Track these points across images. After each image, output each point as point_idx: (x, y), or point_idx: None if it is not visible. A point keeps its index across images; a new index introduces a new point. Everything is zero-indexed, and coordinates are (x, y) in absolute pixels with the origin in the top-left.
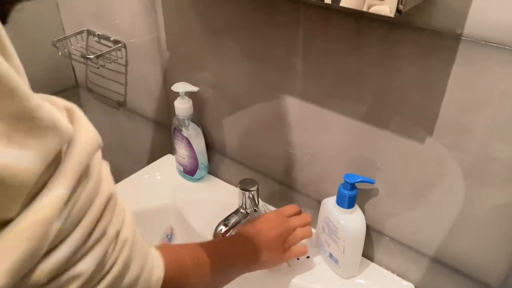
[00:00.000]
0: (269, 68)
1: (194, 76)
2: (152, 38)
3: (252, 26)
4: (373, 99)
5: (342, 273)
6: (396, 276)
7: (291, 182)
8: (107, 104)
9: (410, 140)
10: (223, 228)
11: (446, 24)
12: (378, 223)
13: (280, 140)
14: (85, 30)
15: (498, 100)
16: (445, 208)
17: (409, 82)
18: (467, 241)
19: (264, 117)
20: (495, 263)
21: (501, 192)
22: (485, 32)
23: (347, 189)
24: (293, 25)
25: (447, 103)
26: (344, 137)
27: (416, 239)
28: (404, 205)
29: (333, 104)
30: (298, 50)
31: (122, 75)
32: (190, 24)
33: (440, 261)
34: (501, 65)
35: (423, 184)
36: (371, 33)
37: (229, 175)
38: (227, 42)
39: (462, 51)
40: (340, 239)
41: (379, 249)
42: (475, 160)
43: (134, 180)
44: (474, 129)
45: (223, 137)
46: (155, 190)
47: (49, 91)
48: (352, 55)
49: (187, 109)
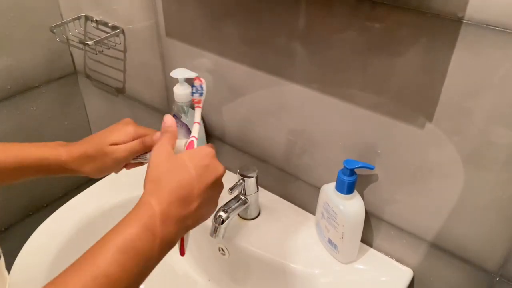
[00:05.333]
0: (269, 54)
1: (193, 62)
2: (151, 24)
3: (251, 11)
4: (373, 85)
5: (341, 258)
6: (395, 261)
7: (290, 169)
8: (106, 91)
9: (410, 126)
10: (222, 214)
11: (447, 7)
12: (377, 208)
13: (280, 127)
14: (83, 16)
15: (499, 84)
16: (444, 194)
17: (409, 67)
18: (465, 226)
19: (263, 104)
20: (493, 248)
21: (501, 177)
22: (486, 16)
23: (347, 175)
24: (293, 10)
25: (447, 87)
26: (344, 123)
27: (415, 225)
28: (403, 191)
29: (333, 89)
30: (298, 35)
31: (120, 62)
32: (189, 9)
33: (438, 246)
34: (502, 49)
35: (423, 170)
36: (372, 17)
37: (228, 162)
38: (226, 27)
39: (463, 34)
40: (339, 225)
41: (378, 234)
42: (475, 145)
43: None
44: (474, 114)
45: (222, 124)
46: None
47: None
48: (352, 39)
49: (186, 96)
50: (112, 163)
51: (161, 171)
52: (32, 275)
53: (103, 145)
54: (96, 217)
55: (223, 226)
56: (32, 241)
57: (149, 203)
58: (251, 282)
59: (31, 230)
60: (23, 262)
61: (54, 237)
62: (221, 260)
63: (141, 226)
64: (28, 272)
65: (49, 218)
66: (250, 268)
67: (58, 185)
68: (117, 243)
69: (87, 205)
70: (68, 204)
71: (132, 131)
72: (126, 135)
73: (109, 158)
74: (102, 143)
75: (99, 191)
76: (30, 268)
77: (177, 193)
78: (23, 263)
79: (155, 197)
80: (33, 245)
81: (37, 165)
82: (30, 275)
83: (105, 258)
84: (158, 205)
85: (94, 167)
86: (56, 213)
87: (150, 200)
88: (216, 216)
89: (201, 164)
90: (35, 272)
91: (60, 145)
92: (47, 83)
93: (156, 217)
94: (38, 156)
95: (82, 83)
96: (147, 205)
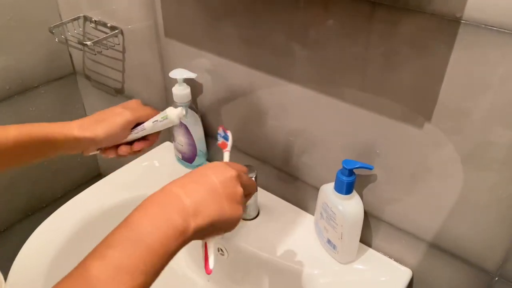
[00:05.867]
0: (268, 54)
1: (192, 62)
2: (150, 24)
3: (250, 11)
4: (372, 85)
5: (340, 259)
6: (394, 261)
7: (289, 169)
8: (105, 91)
9: (409, 126)
10: None
11: (445, 7)
12: (376, 208)
13: (279, 127)
14: (81, 16)
15: (498, 84)
16: (443, 193)
17: (408, 67)
18: (465, 226)
19: (262, 104)
20: (493, 248)
21: (500, 177)
22: (485, 16)
23: (345, 175)
24: (292, 10)
25: (446, 87)
26: (343, 123)
27: (414, 225)
28: (402, 191)
29: (332, 90)
30: (297, 35)
31: (119, 62)
32: (188, 9)
33: (438, 246)
34: (501, 48)
35: (422, 170)
36: (370, 17)
37: None
38: (225, 27)
39: (461, 34)
40: (338, 225)
41: (377, 234)
42: (474, 145)
43: (133, 168)
44: (473, 113)
45: (221, 124)
46: (154, 177)
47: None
48: (351, 39)
49: (185, 96)
50: (121, 121)
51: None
52: (31, 275)
53: (113, 109)
54: (96, 217)
55: None
56: (31, 241)
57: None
58: (250, 282)
59: (30, 230)
60: (22, 263)
61: (54, 238)
62: (220, 260)
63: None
64: (27, 273)
65: (49, 218)
66: (249, 268)
67: (58, 185)
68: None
69: (87, 205)
70: (68, 204)
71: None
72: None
73: (118, 117)
74: (113, 109)
75: (99, 191)
76: (29, 268)
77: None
78: (22, 263)
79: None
80: (32, 245)
81: (46, 140)
82: (29, 276)
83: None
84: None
85: (105, 128)
86: (55, 213)
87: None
88: None
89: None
90: (34, 272)
91: (71, 122)
92: (46, 84)
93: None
94: (48, 131)
95: (81, 84)
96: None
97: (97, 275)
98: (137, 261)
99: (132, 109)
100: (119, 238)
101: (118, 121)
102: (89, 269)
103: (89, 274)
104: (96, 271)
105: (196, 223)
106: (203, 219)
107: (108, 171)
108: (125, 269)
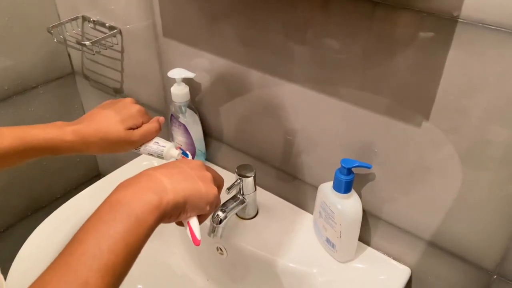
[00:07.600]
0: (266, 53)
1: (190, 62)
2: (148, 24)
3: (248, 10)
4: (370, 84)
5: (338, 257)
6: (393, 260)
7: (288, 168)
8: (104, 91)
9: (407, 125)
10: (220, 214)
11: (443, 6)
12: (374, 207)
13: (277, 126)
14: (80, 16)
15: (495, 83)
16: (441, 192)
17: (406, 66)
18: (463, 224)
19: (261, 103)
20: (491, 246)
21: (498, 175)
22: (482, 14)
23: (344, 174)
24: (290, 9)
25: (444, 86)
26: (341, 122)
27: (413, 223)
28: (401, 190)
29: (330, 89)
30: (295, 34)
31: (118, 62)
32: (186, 9)
33: (436, 245)
34: (498, 47)
35: (420, 168)
36: (368, 16)
37: (226, 162)
38: (223, 27)
39: (459, 33)
40: (336, 224)
41: (376, 233)
42: (472, 144)
43: (132, 167)
44: (471, 112)
45: (220, 124)
46: None
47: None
48: (348, 38)
49: (184, 96)
50: (128, 147)
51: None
52: (31, 275)
53: (114, 128)
54: None
55: (221, 226)
56: (30, 241)
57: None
58: (250, 282)
59: (30, 230)
60: (21, 263)
61: (53, 238)
62: (220, 260)
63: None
64: (27, 273)
65: (48, 218)
66: (248, 267)
67: (58, 185)
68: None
69: (86, 205)
70: (67, 204)
71: (142, 111)
72: (136, 118)
73: (124, 142)
74: (113, 126)
75: (98, 191)
76: (29, 268)
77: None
78: (22, 263)
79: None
80: (32, 245)
81: (41, 146)
82: (29, 276)
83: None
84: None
85: (104, 149)
86: (55, 213)
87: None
88: (214, 215)
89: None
90: (34, 272)
91: (66, 125)
92: (44, 84)
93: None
94: (42, 137)
95: (79, 84)
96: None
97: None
98: (117, 238)
99: (140, 130)
100: (97, 219)
101: (122, 147)
102: (64, 257)
103: (67, 260)
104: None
105: (169, 198)
106: (177, 193)
107: (107, 171)
108: (106, 246)
